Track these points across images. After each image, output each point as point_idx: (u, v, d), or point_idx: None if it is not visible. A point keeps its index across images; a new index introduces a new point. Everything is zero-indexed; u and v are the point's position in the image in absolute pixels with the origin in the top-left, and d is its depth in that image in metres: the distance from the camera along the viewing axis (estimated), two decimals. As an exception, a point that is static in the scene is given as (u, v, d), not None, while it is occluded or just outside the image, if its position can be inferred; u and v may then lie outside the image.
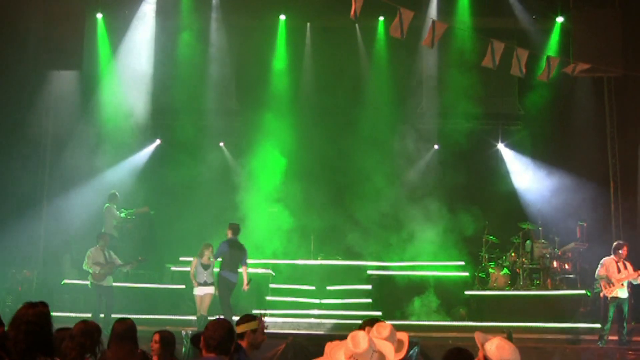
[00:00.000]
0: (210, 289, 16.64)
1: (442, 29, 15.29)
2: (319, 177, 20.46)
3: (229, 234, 16.86)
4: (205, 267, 16.68)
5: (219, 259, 16.77)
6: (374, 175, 20.54)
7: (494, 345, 5.35)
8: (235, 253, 16.70)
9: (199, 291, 16.57)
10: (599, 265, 15.78)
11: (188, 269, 18.34)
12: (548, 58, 16.54)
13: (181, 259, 19.67)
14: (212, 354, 6.31)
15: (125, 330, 7.88)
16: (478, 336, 5.50)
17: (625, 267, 15.54)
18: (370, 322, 6.38)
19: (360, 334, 5.29)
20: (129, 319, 8.07)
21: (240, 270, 16.70)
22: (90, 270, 16.71)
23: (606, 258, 15.78)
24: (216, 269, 16.99)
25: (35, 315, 5.90)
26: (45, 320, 5.98)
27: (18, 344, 5.79)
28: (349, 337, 5.28)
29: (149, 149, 22.83)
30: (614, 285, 15.36)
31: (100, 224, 20.07)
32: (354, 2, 13.79)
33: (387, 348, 5.42)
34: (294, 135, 20.96)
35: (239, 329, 7.65)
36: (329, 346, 5.47)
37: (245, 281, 16.67)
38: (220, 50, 22.13)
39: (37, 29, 19.73)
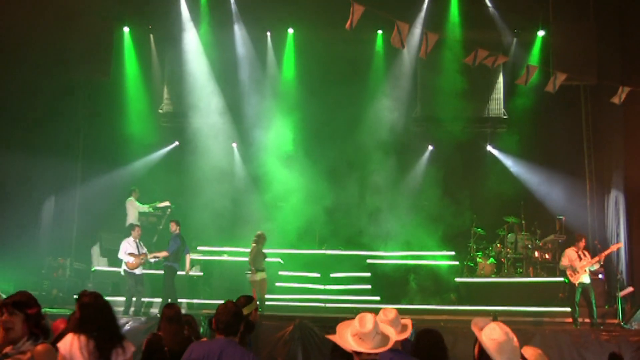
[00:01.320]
0: (265, 274, 16.72)
1: (433, 40, 15.32)
2: (323, 175, 20.51)
3: (178, 229, 17.15)
4: (264, 255, 16.77)
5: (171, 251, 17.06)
6: (373, 174, 20.88)
7: (487, 329, 5.03)
8: (182, 246, 17.16)
9: (259, 276, 16.56)
10: (562, 257, 16.04)
11: (207, 257, 18.61)
12: (528, 66, 16.71)
13: (199, 248, 19.93)
14: (221, 336, 6.45)
15: (173, 314, 8.33)
16: (475, 324, 5.16)
17: (585, 256, 15.94)
18: None
19: (368, 316, 5.39)
20: (175, 304, 8.62)
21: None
22: (124, 260, 16.82)
23: (567, 249, 16.34)
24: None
25: (101, 301, 6.17)
26: (108, 304, 6.26)
27: (95, 332, 5.98)
28: (357, 317, 5.40)
29: (168, 148, 22.99)
30: (578, 273, 15.65)
31: (124, 216, 20.30)
32: (351, 15, 13.81)
33: (390, 332, 5.56)
34: (299, 136, 21.28)
35: (245, 311, 7.55)
36: (340, 325, 5.56)
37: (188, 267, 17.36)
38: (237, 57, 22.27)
39: (70, 40, 19.84)
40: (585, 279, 15.91)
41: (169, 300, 15.63)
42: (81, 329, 6.00)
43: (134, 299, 16.61)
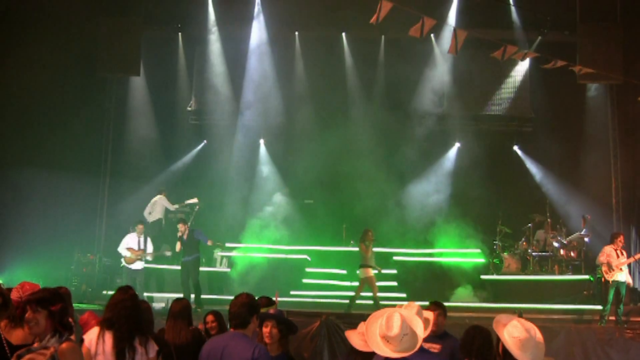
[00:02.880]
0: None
1: (462, 36, 15.12)
2: (350, 170, 20.59)
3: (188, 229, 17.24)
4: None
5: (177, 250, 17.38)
6: (400, 171, 21.00)
7: (509, 326, 5.02)
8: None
9: (372, 273, 16.76)
10: (600, 253, 16.00)
11: (232, 254, 18.69)
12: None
13: (227, 245, 20.08)
14: (232, 330, 6.34)
15: (180, 309, 8.27)
16: (498, 321, 5.15)
17: (623, 254, 15.90)
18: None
19: (395, 318, 5.13)
20: (184, 299, 8.38)
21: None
22: (122, 254, 17.13)
23: (606, 246, 16.18)
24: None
25: (130, 299, 6.28)
26: (137, 301, 6.39)
27: (122, 327, 6.12)
28: (384, 318, 5.18)
29: (197, 149, 23.21)
30: (613, 270, 15.64)
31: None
32: (378, 11, 13.71)
33: (419, 326, 5.26)
34: (323, 129, 21.30)
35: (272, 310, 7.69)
36: (365, 323, 5.42)
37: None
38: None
39: (102, 40, 20.27)
40: (621, 277, 15.84)
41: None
42: (105, 323, 6.19)
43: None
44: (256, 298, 7.28)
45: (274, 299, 9.06)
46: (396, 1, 13.48)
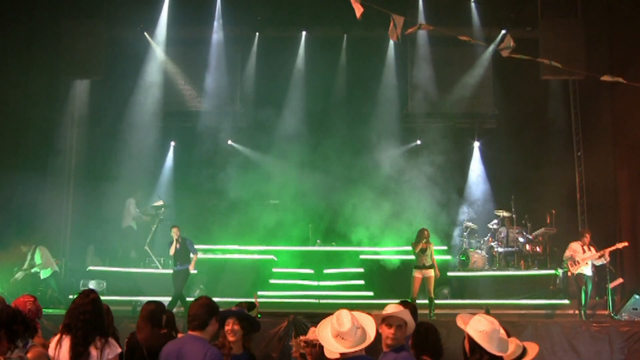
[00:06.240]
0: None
1: (400, 21, 14.72)
2: (315, 170, 20.55)
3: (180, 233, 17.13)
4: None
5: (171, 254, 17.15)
6: (363, 169, 20.98)
7: (472, 321, 5.22)
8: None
9: (432, 272, 16.47)
10: (567, 249, 16.20)
11: (199, 255, 18.64)
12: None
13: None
14: (190, 332, 6.25)
15: (151, 312, 7.90)
16: (460, 319, 5.35)
17: (590, 249, 16.09)
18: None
19: (344, 314, 5.31)
20: (156, 301, 8.16)
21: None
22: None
23: (572, 242, 16.43)
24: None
25: (90, 303, 6.19)
26: (98, 305, 6.27)
27: (78, 331, 6.06)
28: (334, 316, 5.33)
29: (167, 150, 23.02)
30: (579, 264, 15.83)
31: (118, 216, 20.51)
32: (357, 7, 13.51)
33: (369, 323, 5.45)
34: (292, 133, 21.18)
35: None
36: (320, 326, 5.52)
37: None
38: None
39: (64, 42, 20.20)
40: (587, 270, 16.11)
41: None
42: (64, 329, 6.16)
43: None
44: (239, 302, 7.30)
45: (254, 301, 9.02)
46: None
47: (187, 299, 16.20)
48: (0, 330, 5.32)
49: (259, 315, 8.94)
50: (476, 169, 22.06)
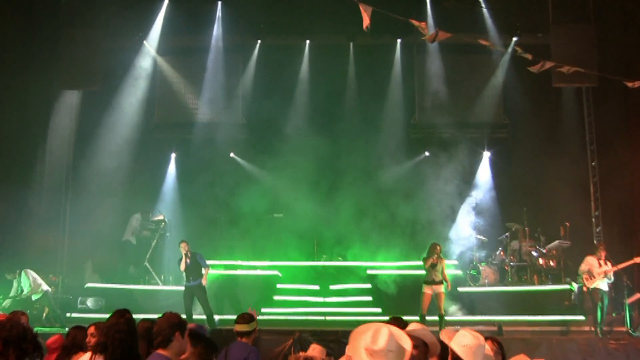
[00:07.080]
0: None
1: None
2: (321, 182, 20.32)
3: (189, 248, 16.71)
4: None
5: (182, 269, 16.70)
6: (371, 181, 20.72)
7: (457, 336, 4.98)
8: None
9: (443, 289, 16.05)
10: (583, 262, 15.85)
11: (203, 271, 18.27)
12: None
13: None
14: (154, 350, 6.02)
15: (145, 330, 7.64)
16: (445, 334, 5.16)
17: (606, 264, 15.78)
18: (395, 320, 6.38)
19: (383, 331, 4.71)
20: (151, 319, 7.79)
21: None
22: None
23: (588, 256, 16.11)
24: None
25: (125, 323, 6.04)
26: (133, 326, 6.15)
27: (115, 351, 5.87)
28: (372, 331, 4.77)
29: (167, 162, 22.64)
30: (594, 278, 15.45)
31: (117, 231, 20.26)
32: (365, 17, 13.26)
33: (407, 344, 4.81)
34: (296, 144, 20.68)
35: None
36: (353, 334, 4.92)
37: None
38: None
39: (61, 52, 19.94)
40: (603, 285, 15.74)
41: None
42: (98, 347, 6.02)
43: None
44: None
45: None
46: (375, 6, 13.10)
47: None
48: (9, 348, 4.92)
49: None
50: (486, 179, 21.50)
